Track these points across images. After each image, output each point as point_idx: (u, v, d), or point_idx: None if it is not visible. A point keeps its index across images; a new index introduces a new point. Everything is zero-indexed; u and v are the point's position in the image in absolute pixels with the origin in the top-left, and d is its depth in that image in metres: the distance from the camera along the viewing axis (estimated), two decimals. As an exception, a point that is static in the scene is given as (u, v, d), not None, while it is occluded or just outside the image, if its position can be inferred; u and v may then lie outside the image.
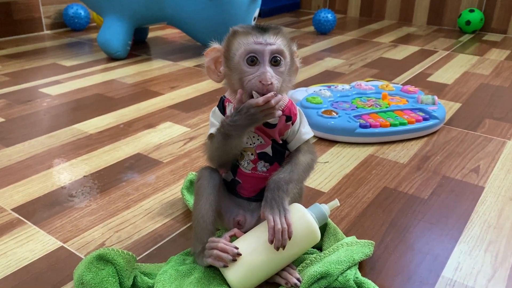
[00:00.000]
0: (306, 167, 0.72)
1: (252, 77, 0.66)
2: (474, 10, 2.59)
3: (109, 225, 0.87)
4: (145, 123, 1.33)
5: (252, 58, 0.66)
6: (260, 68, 0.66)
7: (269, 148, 0.73)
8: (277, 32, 0.68)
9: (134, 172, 1.06)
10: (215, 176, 0.75)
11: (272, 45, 0.66)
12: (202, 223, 0.72)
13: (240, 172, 0.75)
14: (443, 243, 0.83)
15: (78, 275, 0.66)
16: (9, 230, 0.85)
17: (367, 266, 0.76)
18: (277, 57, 0.66)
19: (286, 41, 0.69)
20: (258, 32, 0.67)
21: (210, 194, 0.73)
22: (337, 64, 1.97)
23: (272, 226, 0.66)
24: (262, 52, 0.66)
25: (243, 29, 0.68)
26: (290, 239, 0.67)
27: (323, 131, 1.23)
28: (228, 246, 0.68)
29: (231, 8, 1.90)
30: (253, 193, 0.76)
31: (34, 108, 1.43)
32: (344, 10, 3.17)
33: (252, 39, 0.66)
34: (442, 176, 1.06)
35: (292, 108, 0.73)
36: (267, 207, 0.67)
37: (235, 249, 0.67)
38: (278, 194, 0.68)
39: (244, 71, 0.67)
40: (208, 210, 0.72)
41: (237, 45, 0.67)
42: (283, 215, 0.67)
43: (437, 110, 1.31)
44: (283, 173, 0.70)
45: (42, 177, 1.04)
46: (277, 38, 0.67)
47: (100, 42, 1.92)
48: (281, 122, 0.72)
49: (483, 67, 1.97)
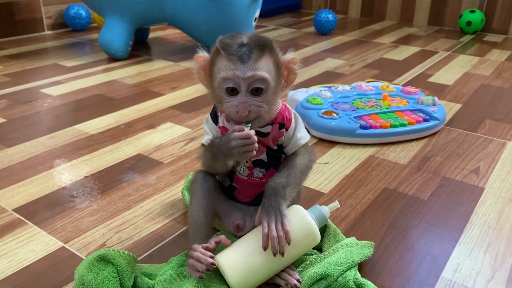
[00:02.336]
0: (303, 169, 0.72)
1: (230, 105, 0.65)
2: (475, 10, 2.59)
3: (110, 225, 0.87)
4: (145, 123, 1.34)
5: (232, 88, 0.65)
6: (238, 97, 0.65)
7: (264, 155, 0.73)
8: (261, 55, 0.64)
9: (134, 172, 1.07)
10: (208, 179, 0.75)
11: (251, 77, 0.63)
12: (194, 225, 0.72)
13: (237, 178, 0.76)
14: (443, 244, 0.83)
15: (79, 276, 0.66)
16: (10, 230, 0.86)
17: (367, 267, 0.77)
18: (257, 87, 0.64)
19: (272, 60, 0.66)
20: (239, 59, 0.63)
21: (201, 197, 0.73)
22: (338, 65, 1.98)
23: (265, 233, 0.65)
24: (240, 84, 0.64)
25: (225, 49, 0.64)
26: (289, 244, 0.66)
27: (324, 132, 1.23)
28: (203, 256, 0.66)
29: (232, 8, 1.90)
30: (251, 198, 0.76)
31: (35, 109, 1.44)
32: (345, 11, 3.18)
33: (232, 67, 0.63)
34: (442, 177, 1.06)
35: (285, 114, 0.73)
36: (264, 213, 0.67)
37: (210, 259, 0.65)
38: (275, 200, 0.67)
39: (223, 97, 0.66)
40: (199, 212, 0.72)
41: (218, 69, 0.65)
42: (280, 221, 0.66)
43: (437, 111, 1.31)
44: (280, 178, 0.69)
45: (43, 178, 1.04)
46: (260, 64, 0.64)
47: (101, 43, 1.92)
48: (275, 130, 0.72)
49: (484, 67, 1.97)
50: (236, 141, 0.64)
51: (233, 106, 0.65)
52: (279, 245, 0.65)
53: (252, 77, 0.64)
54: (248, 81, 0.64)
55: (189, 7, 1.90)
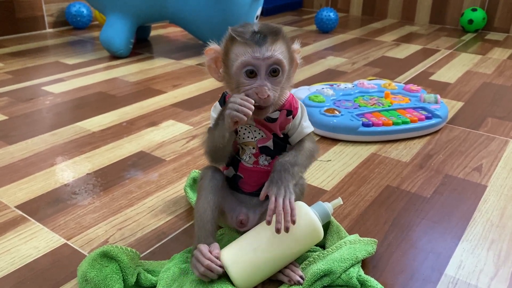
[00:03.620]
0: (309, 155, 0.73)
1: (249, 88, 0.66)
2: (477, 9, 2.58)
3: (113, 222, 0.87)
4: (147, 121, 1.34)
5: (251, 71, 0.66)
6: (257, 81, 0.66)
7: (270, 142, 0.74)
8: (275, 39, 0.66)
9: (137, 170, 1.06)
10: (217, 176, 0.75)
11: (269, 58, 0.65)
12: (200, 222, 0.72)
13: (242, 167, 0.76)
14: (445, 241, 0.83)
15: (82, 272, 0.66)
16: (13, 227, 0.86)
17: (370, 264, 0.76)
18: (275, 68, 0.66)
19: (285, 45, 0.67)
20: (256, 44, 0.64)
21: (210, 193, 0.73)
22: (340, 63, 1.97)
23: (272, 208, 0.65)
24: (259, 66, 0.65)
25: (241, 36, 0.65)
26: (294, 223, 0.66)
27: (326, 129, 1.23)
28: (214, 265, 0.67)
29: (233, 6, 1.90)
30: (256, 187, 0.76)
31: (37, 106, 1.44)
32: (346, 9, 3.17)
33: (250, 51, 0.65)
34: (445, 175, 1.06)
35: (293, 102, 0.74)
36: (273, 186, 0.67)
37: (220, 268, 0.67)
38: (285, 175, 0.68)
39: (242, 82, 0.66)
40: (206, 209, 0.72)
41: (234, 55, 0.66)
42: (288, 198, 0.66)
43: (439, 109, 1.31)
44: (289, 156, 0.71)
45: (45, 175, 1.04)
46: (275, 47, 0.65)
47: (102, 41, 1.92)
48: (282, 116, 0.73)
49: (486, 66, 1.96)
50: (237, 100, 0.64)
51: (252, 88, 0.66)
52: (284, 219, 0.65)
53: (271, 57, 0.65)
54: (267, 62, 0.65)
55: (191, 5, 1.90)
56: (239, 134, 0.74)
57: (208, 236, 0.71)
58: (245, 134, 0.74)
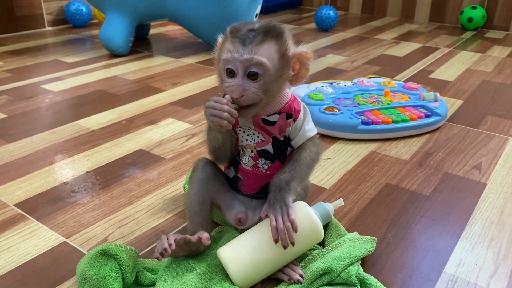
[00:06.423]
0: (309, 162, 0.72)
1: (227, 86, 0.66)
2: (476, 7, 2.58)
3: (112, 220, 0.87)
4: (147, 119, 1.33)
5: (230, 70, 0.65)
6: (235, 80, 0.65)
7: (269, 145, 0.73)
8: (263, 40, 0.64)
9: (136, 168, 1.06)
10: (207, 169, 0.76)
11: (249, 60, 0.63)
12: (188, 212, 0.74)
13: (241, 169, 0.76)
14: (445, 239, 0.83)
15: (81, 270, 0.66)
16: (12, 225, 0.86)
17: (369, 262, 0.76)
18: (253, 71, 0.64)
19: (277, 47, 0.65)
20: (241, 43, 0.64)
21: (196, 186, 0.74)
22: (339, 61, 1.97)
23: (274, 226, 0.66)
24: (236, 66, 0.65)
25: (232, 33, 0.65)
26: (296, 231, 0.66)
27: (325, 127, 1.23)
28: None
29: (233, 4, 1.89)
30: (255, 190, 0.76)
31: (36, 104, 1.44)
32: (346, 7, 3.17)
33: (232, 50, 0.64)
34: (444, 173, 1.06)
35: (293, 105, 0.73)
36: (269, 208, 0.68)
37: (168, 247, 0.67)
38: (280, 194, 0.68)
39: (223, 79, 0.67)
40: (193, 200, 0.74)
41: (221, 51, 0.67)
42: (285, 212, 0.67)
43: (439, 107, 1.30)
44: (283, 174, 0.70)
45: (44, 173, 1.04)
46: (261, 49, 0.64)
47: (102, 39, 1.91)
48: (281, 119, 0.71)
49: (485, 64, 1.96)
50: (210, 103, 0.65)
51: (229, 87, 0.66)
52: (288, 235, 0.66)
53: (249, 60, 0.64)
54: (245, 64, 0.64)
55: (190, 3, 1.89)
56: (239, 136, 0.74)
57: (197, 227, 0.73)
58: (243, 137, 0.74)
